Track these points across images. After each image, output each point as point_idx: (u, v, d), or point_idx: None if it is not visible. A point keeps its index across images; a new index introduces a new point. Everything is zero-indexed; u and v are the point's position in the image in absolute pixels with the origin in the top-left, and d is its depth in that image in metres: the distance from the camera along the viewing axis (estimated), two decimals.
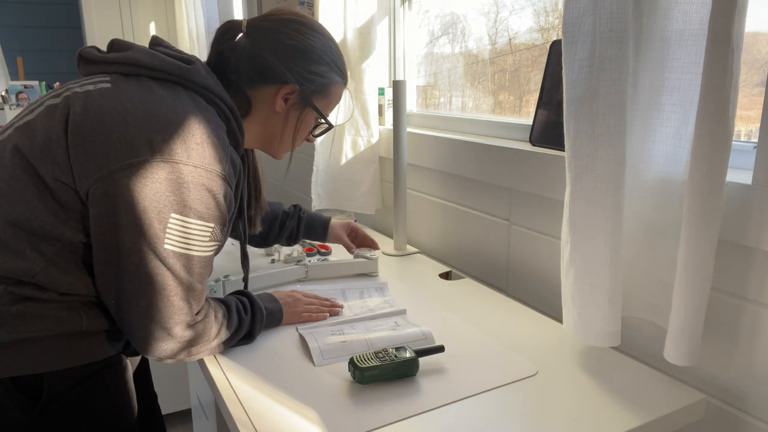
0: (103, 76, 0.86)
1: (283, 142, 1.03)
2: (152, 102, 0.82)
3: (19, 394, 0.83)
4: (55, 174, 0.79)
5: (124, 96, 0.82)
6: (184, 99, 0.86)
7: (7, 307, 0.80)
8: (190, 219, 0.81)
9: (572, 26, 0.81)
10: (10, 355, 0.81)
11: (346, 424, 0.76)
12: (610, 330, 0.86)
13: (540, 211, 1.17)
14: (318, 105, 1.02)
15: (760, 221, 0.77)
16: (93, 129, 0.79)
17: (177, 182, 0.79)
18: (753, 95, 0.91)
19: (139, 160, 0.78)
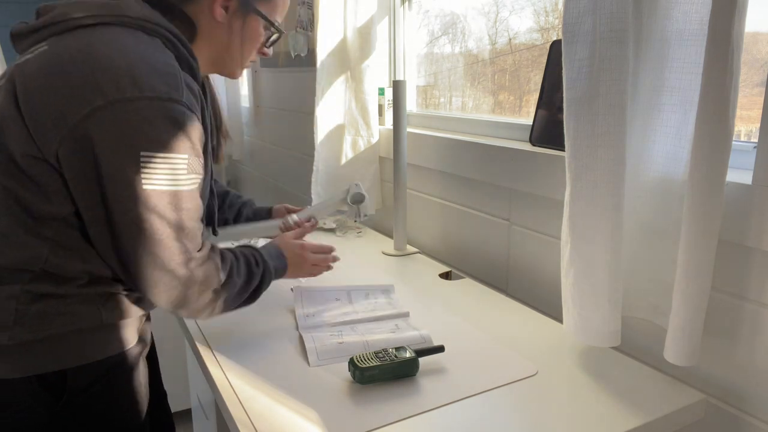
0: (40, 44, 0.83)
1: (233, 57, 0.97)
2: (90, 48, 0.78)
3: (43, 391, 0.83)
4: (21, 149, 0.77)
5: (62, 51, 0.79)
6: (122, 36, 0.81)
7: (26, 306, 0.80)
8: (161, 153, 0.78)
9: (572, 26, 0.81)
10: (34, 353, 0.82)
11: (346, 424, 0.76)
12: (610, 330, 0.86)
13: (540, 211, 1.17)
14: (263, 10, 0.96)
15: (760, 221, 0.77)
16: (39, 92, 0.77)
17: (136, 120, 0.76)
18: (753, 95, 0.91)
19: (92, 108, 0.75)
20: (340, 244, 1.56)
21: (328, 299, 1.15)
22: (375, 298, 1.16)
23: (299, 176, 2.30)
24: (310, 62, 2.04)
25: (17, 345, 0.81)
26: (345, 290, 1.19)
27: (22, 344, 0.81)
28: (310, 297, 1.14)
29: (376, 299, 1.16)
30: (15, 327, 0.80)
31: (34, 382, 0.82)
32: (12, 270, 0.80)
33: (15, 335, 0.80)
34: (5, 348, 0.80)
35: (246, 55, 0.99)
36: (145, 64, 0.78)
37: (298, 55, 2.11)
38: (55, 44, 0.81)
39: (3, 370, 0.81)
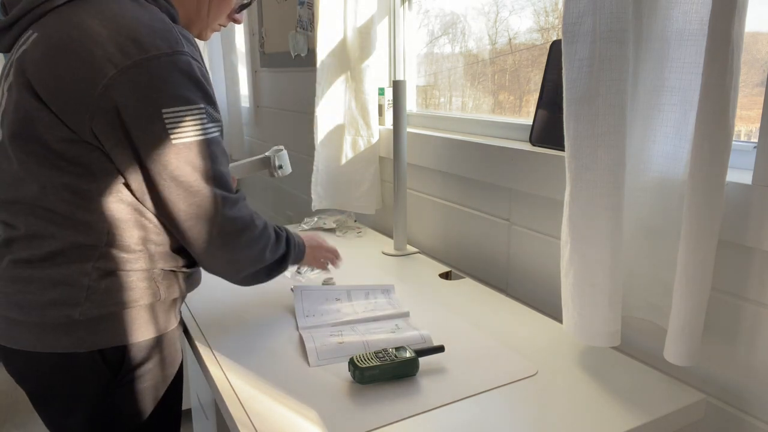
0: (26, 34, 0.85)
1: (202, 18, 1.00)
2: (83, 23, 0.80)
3: (103, 365, 0.88)
4: (57, 136, 0.80)
5: (57, 34, 0.80)
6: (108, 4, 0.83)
7: (97, 282, 0.84)
8: (180, 107, 0.81)
9: (572, 26, 0.81)
10: (101, 328, 0.86)
11: (346, 424, 0.76)
12: (610, 330, 0.86)
13: (540, 211, 1.17)
14: None
15: (760, 221, 0.77)
16: (54, 77, 0.79)
17: (149, 80, 0.79)
18: (753, 95, 0.91)
19: (108, 78, 0.78)
20: (340, 244, 1.56)
21: (328, 299, 1.15)
22: (375, 298, 1.16)
23: (299, 176, 2.30)
24: (310, 62, 2.04)
25: (86, 320, 0.85)
26: (345, 290, 1.19)
27: (90, 319, 0.85)
28: (310, 297, 1.14)
29: (376, 299, 1.16)
30: (86, 303, 0.84)
31: (97, 356, 0.87)
32: (82, 248, 0.84)
33: (85, 311, 0.84)
34: (76, 323, 0.85)
35: (214, 17, 1.01)
36: (140, 25, 0.80)
37: (298, 55, 2.12)
38: (45, 28, 0.82)
39: (72, 343, 0.85)
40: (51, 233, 0.83)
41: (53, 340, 0.85)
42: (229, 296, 1.19)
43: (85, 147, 0.81)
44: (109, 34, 0.79)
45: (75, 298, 0.84)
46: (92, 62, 0.78)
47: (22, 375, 0.90)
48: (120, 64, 0.78)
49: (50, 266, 0.84)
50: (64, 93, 0.78)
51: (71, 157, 0.81)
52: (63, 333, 0.85)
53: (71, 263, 0.84)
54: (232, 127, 2.87)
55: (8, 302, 0.85)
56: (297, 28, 2.08)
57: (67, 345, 0.86)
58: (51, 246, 0.83)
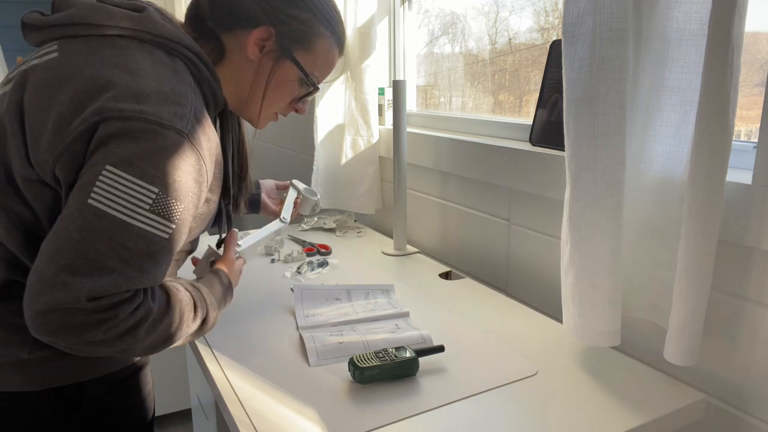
0: (51, 46, 0.78)
1: (255, 101, 0.91)
2: (100, 63, 0.73)
3: (60, 403, 0.83)
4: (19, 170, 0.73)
5: (70, 62, 0.74)
6: (138, 54, 0.76)
7: None
8: (127, 175, 0.68)
9: (572, 26, 0.81)
10: (52, 366, 0.81)
11: (346, 424, 0.76)
12: (610, 330, 0.86)
13: (540, 211, 1.17)
14: (300, 59, 0.89)
15: (760, 221, 0.77)
16: (42, 107, 0.72)
17: (125, 137, 0.69)
18: (753, 95, 0.91)
19: (87, 124, 0.69)
20: (340, 244, 1.56)
21: (328, 299, 1.15)
22: (375, 297, 1.16)
23: (299, 176, 2.30)
24: None
25: (37, 359, 0.80)
26: (345, 290, 1.19)
27: (42, 358, 0.80)
28: (310, 297, 1.14)
29: (376, 299, 1.16)
30: (35, 342, 0.78)
31: (50, 394, 0.82)
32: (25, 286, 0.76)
33: (34, 349, 0.79)
34: (24, 362, 0.79)
35: (269, 102, 0.92)
36: (154, 87, 0.73)
37: None
38: (65, 52, 0.76)
39: (21, 383, 0.80)
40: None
41: (3, 379, 0.79)
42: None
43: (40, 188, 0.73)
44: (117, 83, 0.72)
45: (22, 338, 0.76)
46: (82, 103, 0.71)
47: None
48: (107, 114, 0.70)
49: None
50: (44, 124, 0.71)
51: (28, 195, 0.74)
52: (14, 372, 0.79)
53: (15, 300, 0.74)
54: None
55: None
56: None
57: (16, 384, 0.80)
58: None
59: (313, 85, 0.94)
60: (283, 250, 1.49)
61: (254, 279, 1.29)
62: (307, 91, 0.95)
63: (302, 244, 1.54)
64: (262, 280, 1.29)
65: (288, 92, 0.93)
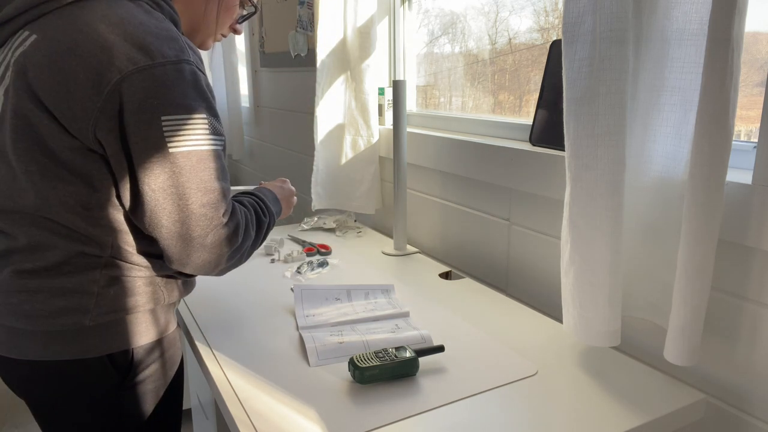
0: (22, 33, 0.82)
1: (208, 26, 0.99)
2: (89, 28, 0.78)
3: (112, 369, 0.88)
4: (61, 144, 0.79)
5: (61, 37, 0.78)
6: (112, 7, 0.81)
7: (105, 289, 0.84)
8: (181, 115, 0.79)
9: (572, 26, 0.81)
10: (110, 333, 0.86)
11: (346, 424, 0.76)
12: (610, 330, 0.86)
13: (540, 211, 1.17)
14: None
15: (760, 221, 0.77)
16: (57, 83, 0.77)
17: (153, 86, 0.77)
18: (753, 95, 0.91)
19: (112, 85, 0.76)
20: (340, 244, 1.56)
21: (328, 299, 1.15)
22: (375, 298, 1.16)
23: (299, 176, 2.30)
24: (310, 62, 2.04)
25: (96, 326, 0.85)
26: (345, 290, 1.19)
27: (99, 325, 0.85)
28: (310, 297, 1.14)
29: (376, 299, 1.16)
30: (95, 309, 0.84)
31: (105, 360, 0.87)
32: (88, 257, 0.83)
33: (95, 317, 0.84)
34: (86, 329, 0.85)
35: (219, 26, 1.01)
36: (146, 32, 0.79)
37: (298, 54, 2.12)
38: (46, 31, 0.80)
39: (81, 350, 0.85)
40: (54, 244, 0.82)
41: (61, 348, 0.84)
42: (229, 296, 1.19)
43: (89, 156, 0.80)
44: (115, 40, 0.77)
45: (85, 306, 0.83)
46: (98, 68, 0.76)
47: (26, 385, 0.88)
48: (124, 70, 0.76)
49: (57, 275, 0.83)
50: (68, 99, 0.77)
51: (75, 167, 0.80)
52: (72, 340, 0.85)
53: (80, 272, 0.83)
54: (232, 127, 2.87)
55: (12, 312, 0.84)
56: (297, 27, 2.08)
57: (76, 352, 0.85)
58: (56, 256, 0.82)
59: (254, 6, 1.06)
60: (283, 250, 1.49)
61: (254, 279, 1.29)
62: (249, 13, 1.07)
63: (302, 244, 1.54)
64: (262, 280, 1.29)
65: (232, 15, 1.02)
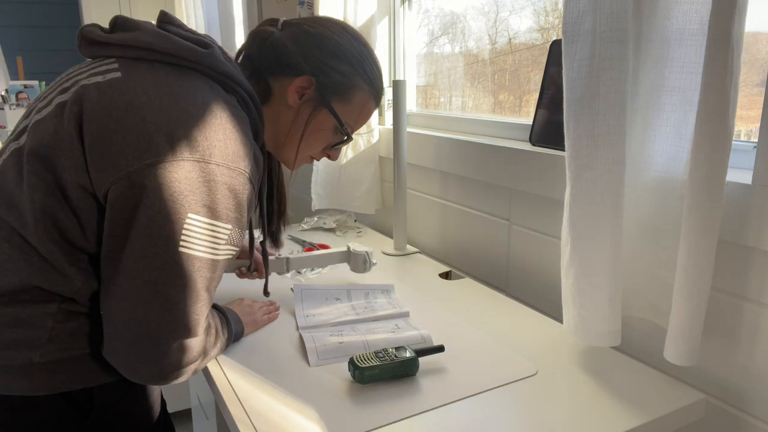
0: (110, 62, 0.79)
1: (291, 145, 0.96)
2: (170, 94, 0.76)
3: (69, 409, 0.82)
4: (74, 179, 0.74)
5: (139, 88, 0.75)
6: (203, 88, 0.79)
7: (63, 324, 0.78)
8: (207, 219, 0.75)
9: (572, 26, 0.81)
10: (61, 370, 0.80)
11: (346, 424, 0.76)
12: (610, 330, 0.86)
13: (540, 211, 1.17)
14: (337, 109, 0.94)
15: (760, 221, 0.77)
16: (108, 127, 0.73)
17: (198, 181, 0.73)
18: (753, 95, 0.91)
19: (158, 159, 0.72)
20: (340, 244, 1.56)
21: (328, 299, 1.15)
22: (375, 297, 1.16)
23: (299, 176, 2.30)
24: None
25: (47, 363, 0.79)
26: (345, 290, 1.19)
27: (51, 362, 0.79)
28: (310, 296, 1.14)
29: (376, 299, 1.16)
30: (48, 344, 0.78)
31: (59, 399, 0.81)
32: (50, 291, 0.78)
33: (47, 353, 0.78)
34: (35, 366, 0.78)
35: (303, 148, 0.96)
36: (222, 126, 0.77)
37: None
38: (130, 74, 0.77)
39: (30, 387, 0.79)
40: (19, 268, 0.76)
41: (9, 382, 0.78)
42: (229, 296, 1.19)
43: (92, 202, 0.76)
44: (186, 120, 0.74)
45: (36, 340, 0.77)
46: (153, 135, 0.73)
47: None
48: (178, 151, 0.73)
49: (11, 304, 0.76)
50: (108, 147, 0.73)
51: (75, 206, 0.75)
52: (21, 375, 0.78)
53: (35, 303, 0.77)
54: None
55: None
56: None
57: (24, 389, 0.78)
58: (13, 283, 0.76)
59: (347, 134, 0.98)
60: (283, 250, 1.49)
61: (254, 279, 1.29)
62: (341, 140, 0.99)
63: (302, 244, 1.54)
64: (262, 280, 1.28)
65: (323, 139, 0.97)
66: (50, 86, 0.85)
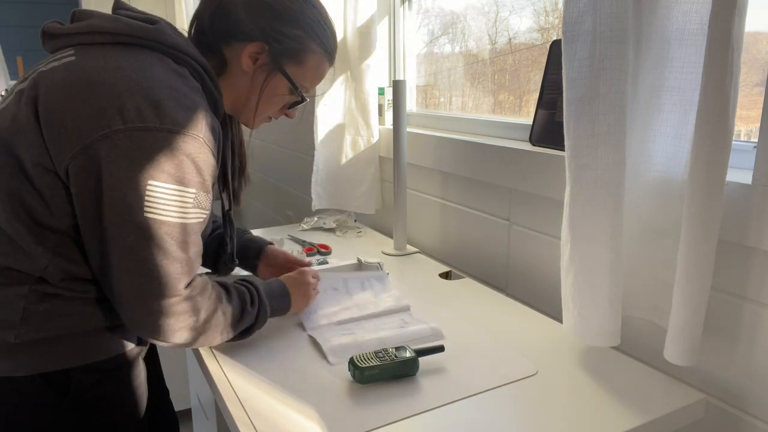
0: (68, 50, 0.83)
1: (249, 108, 0.98)
2: (119, 68, 0.79)
3: (48, 390, 0.84)
4: (33, 158, 0.77)
5: (90, 65, 0.79)
6: (152, 61, 0.82)
7: (35, 305, 0.81)
8: (169, 185, 0.78)
9: (572, 26, 0.81)
10: (39, 352, 0.82)
11: (346, 424, 0.76)
12: (610, 330, 0.86)
13: (540, 211, 1.17)
14: (290, 72, 0.96)
15: (760, 221, 0.77)
16: (62, 105, 0.77)
17: (152, 149, 0.76)
18: (753, 95, 0.91)
19: (112, 131, 0.75)
20: (340, 244, 1.56)
21: (326, 289, 1.16)
22: (371, 286, 1.19)
23: (299, 176, 2.30)
24: None
25: (23, 344, 0.81)
26: (341, 278, 1.20)
27: (27, 343, 0.81)
28: None
29: (372, 288, 1.18)
30: (22, 325, 0.81)
31: (38, 380, 0.83)
32: (18, 272, 0.81)
33: (21, 334, 0.81)
34: (11, 346, 0.81)
35: (261, 110, 0.99)
36: (170, 94, 0.79)
37: None
38: (83, 56, 0.81)
39: (8, 368, 0.82)
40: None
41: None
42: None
43: (55, 179, 0.78)
44: (135, 90, 0.77)
45: (10, 321, 0.80)
46: (104, 108, 0.76)
47: None
48: (129, 123, 0.75)
49: None
50: (62, 124, 0.76)
51: (38, 185, 0.78)
52: None
53: (7, 285, 0.80)
54: None
55: None
56: None
57: (3, 369, 0.81)
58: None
59: (302, 96, 1.01)
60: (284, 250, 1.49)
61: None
62: (296, 101, 1.02)
63: (302, 244, 1.54)
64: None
65: (279, 101, 1.00)
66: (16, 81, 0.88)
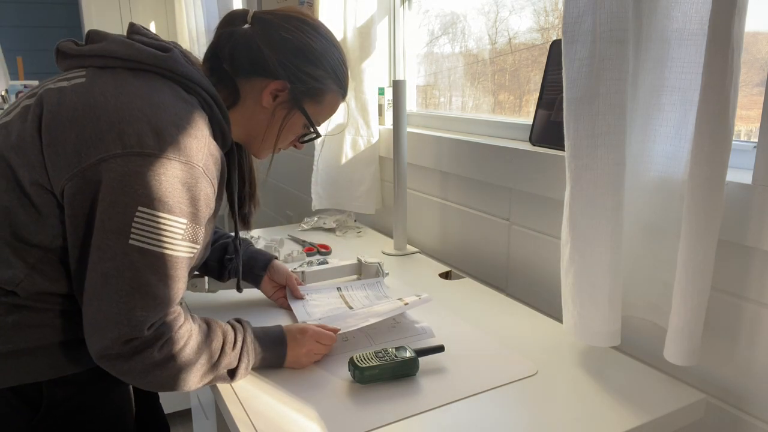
0: (79, 71, 0.83)
1: (266, 142, 0.99)
2: (125, 94, 0.79)
3: (20, 404, 0.82)
4: (32, 177, 0.77)
5: (97, 90, 0.79)
6: (161, 89, 0.82)
7: (3, 317, 0.79)
8: (159, 213, 0.76)
9: (572, 26, 0.81)
10: (9, 365, 0.80)
11: (346, 424, 0.76)
12: (610, 330, 0.86)
13: (540, 211, 1.17)
14: (308, 110, 0.97)
15: (760, 221, 0.77)
16: (65, 126, 0.76)
17: (146, 174, 0.75)
18: (753, 95, 0.91)
19: (109, 155, 0.75)
20: (340, 244, 1.56)
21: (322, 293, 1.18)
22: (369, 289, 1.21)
23: (299, 176, 2.30)
24: None
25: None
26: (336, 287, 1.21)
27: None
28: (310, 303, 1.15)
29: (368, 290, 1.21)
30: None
31: (8, 394, 0.81)
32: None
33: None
34: None
35: (279, 143, 1.00)
36: (173, 122, 0.79)
37: None
38: (93, 80, 0.81)
39: None
40: None
41: None
42: (228, 296, 1.19)
43: (51, 199, 0.78)
44: (139, 117, 0.77)
45: None
46: (106, 133, 0.75)
47: None
48: (128, 148, 0.75)
49: None
50: (64, 145, 0.76)
51: (34, 201, 0.78)
52: None
53: None
54: None
55: None
56: None
57: None
58: None
59: (317, 132, 1.02)
60: (283, 250, 1.49)
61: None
62: (310, 136, 1.04)
63: (302, 244, 1.54)
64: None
65: (292, 135, 1.01)
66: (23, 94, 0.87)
